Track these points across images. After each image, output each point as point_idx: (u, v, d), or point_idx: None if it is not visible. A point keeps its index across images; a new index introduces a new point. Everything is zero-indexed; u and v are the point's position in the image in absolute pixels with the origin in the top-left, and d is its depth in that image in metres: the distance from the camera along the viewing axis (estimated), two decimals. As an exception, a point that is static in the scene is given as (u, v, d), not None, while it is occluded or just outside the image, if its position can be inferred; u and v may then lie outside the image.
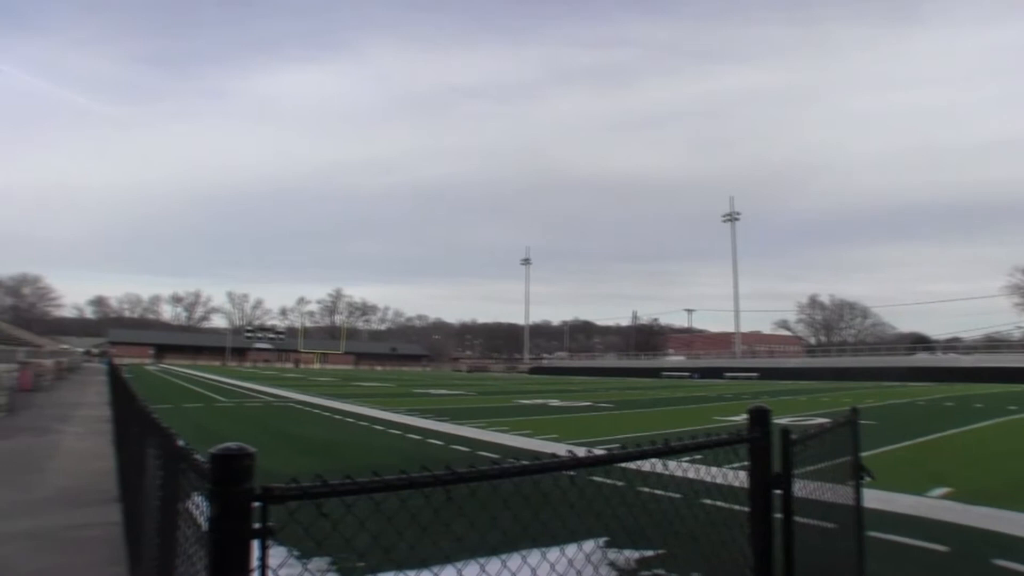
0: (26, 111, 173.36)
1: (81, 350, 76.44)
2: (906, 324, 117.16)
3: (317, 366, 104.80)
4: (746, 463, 2.46)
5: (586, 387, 41.89)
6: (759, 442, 2.48)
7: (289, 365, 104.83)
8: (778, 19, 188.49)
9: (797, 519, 2.48)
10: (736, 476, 2.62)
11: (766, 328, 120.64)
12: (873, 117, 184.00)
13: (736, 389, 40.34)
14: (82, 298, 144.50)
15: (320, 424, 16.31)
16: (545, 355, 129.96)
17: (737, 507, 2.47)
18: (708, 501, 2.96)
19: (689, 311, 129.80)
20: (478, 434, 14.11)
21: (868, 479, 3.58)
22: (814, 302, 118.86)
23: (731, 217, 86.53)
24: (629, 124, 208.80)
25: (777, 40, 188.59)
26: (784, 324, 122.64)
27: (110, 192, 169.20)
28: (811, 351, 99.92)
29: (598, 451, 1.99)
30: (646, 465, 2.19)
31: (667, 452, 2.22)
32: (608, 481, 2.46)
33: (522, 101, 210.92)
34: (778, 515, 2.42)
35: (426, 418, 17.72)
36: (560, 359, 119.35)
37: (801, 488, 2.58)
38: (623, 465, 2.09)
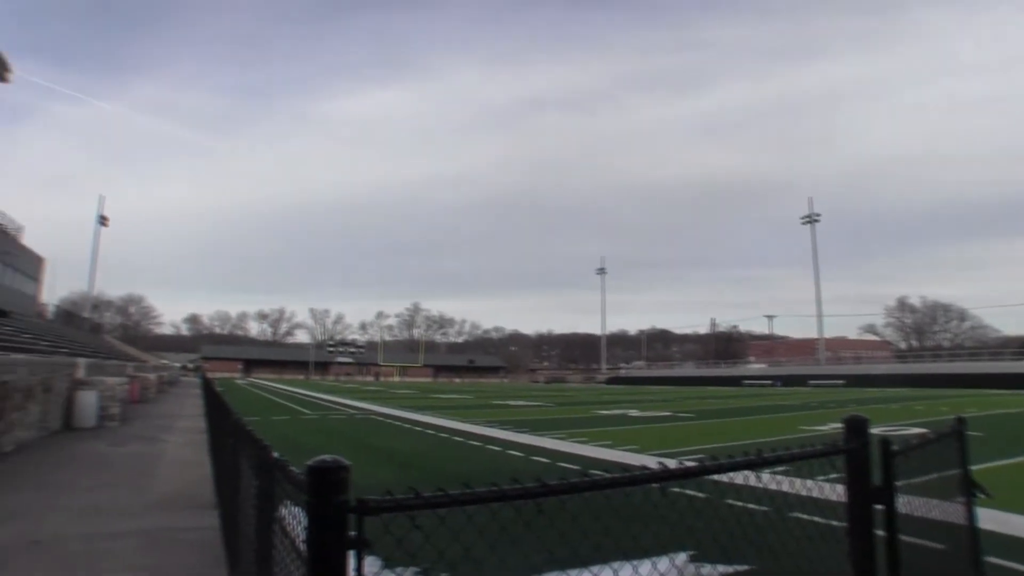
0: (128, 144, 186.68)
1: (178, 365, 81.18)
2: (1012, 327, 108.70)
3: (396, 379, 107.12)
4: (840, 475, 2.33)
5: (665, 397, 41.01)
6: (857, 453, 2.34)
7: (369, 378, 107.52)
8: (854, 8, 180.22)
9: (903, 538, 2.32)
10: (831, 489, 2.49)
11: (852, 333, 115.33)
12: (969, 104, 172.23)
13: (821, 397, 38.51)
14: (178, 316, 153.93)
15: (401, 436, 16.60)
16: (623, 365, 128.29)
17: (834, 523, 2.34)
18: (800, 515, 2.82)
19: (769, 317, 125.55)
20: (558, 445, 14.04)
21: (982, 496, 3.29)
22: (903, 305, 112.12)
23: (811, 219, 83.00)
24: (704, 128, 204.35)
25: (855, 30, 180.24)
26: (871, 328, 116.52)
27: (202, 216, 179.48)
28: (901, 356, 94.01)
29: (683, 462, 1.93)
30: (735, 477, 2.11)
31: (760, 463, 2.13)
32: (693, 493, 2.38)
33: (596, 109, 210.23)
34: (879, 532, 2.28)
35: (505, 429, 17.79)
36: (638, 369, 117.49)
37: (905, 504, 2.42)
38: (711, 477, 2.03)
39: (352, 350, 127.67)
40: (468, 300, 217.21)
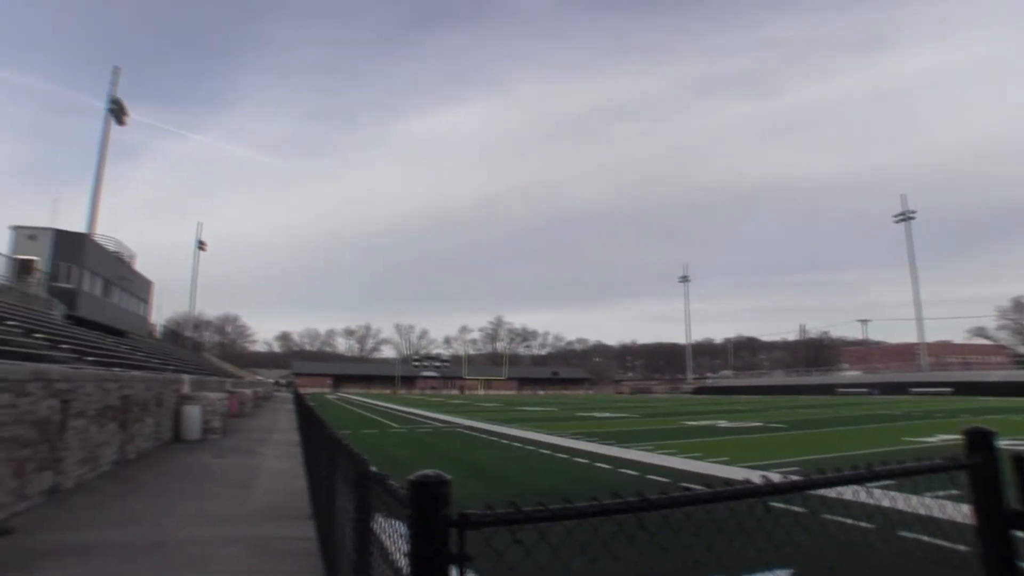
0: (221, 172, 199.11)
1: (271, 381, 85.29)
2: None
3: (481, 392, 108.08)
4: (955, 492, 2.14)
5: (754, 406, 39.52)
6: (983, 469, 2.15)
7: (455, 392, 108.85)
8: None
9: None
10: (954, 508, 2.30)
11: (957, 337, 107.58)
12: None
13: (926, 406, 36.01)
14: (271, 334, 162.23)
15: (487, 448, 16.71)
16: (709, 374, 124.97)
17: (960, 547, 2.16)
18: (908, 534, 2.62)
19: (863, 322, 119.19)
20: (646, 457, 13.77)
21: None
22: (1019, 305, 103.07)
23: (904, 216, 78.19)
24: (784, 128, 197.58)
25: (941, 15, 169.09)
26: (981, 332, 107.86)
27: (290, 237, 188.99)
28: (1021, 361, 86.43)
29: (789, 476, 1.83)
30: (843, 492, 1.98)
31: (870, 477, 1.99)
32: (797, 509, 2.25)
33: (670, 116, 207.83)
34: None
35: (591, 441, 17.62)
36: (725, 378, 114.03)
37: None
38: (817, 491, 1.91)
39: (437, 364, 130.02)
40: (550, 312, 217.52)
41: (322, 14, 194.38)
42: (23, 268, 28.57)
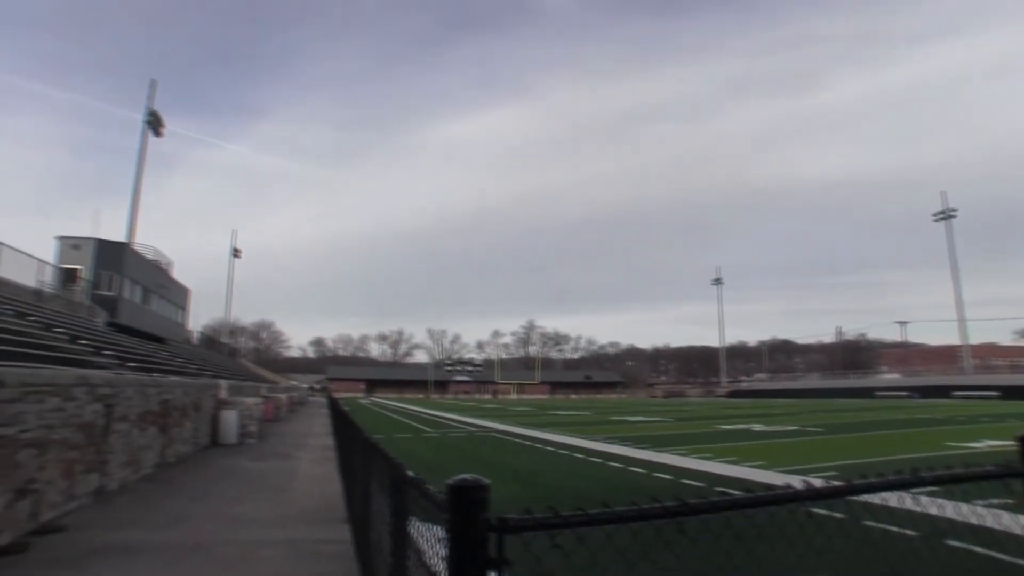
0: (255, 181, 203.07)
1: (306, 386, 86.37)
2: None
3: (514, 396, 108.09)
4: (1010, 501, 2.07)
5: (790, 410, 38.81)
6: (1039, 476, 2.08)
7: (487, 396, 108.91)
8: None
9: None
10: (1012, 520, 2.22)
11: (1004, 338, 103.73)
12: None
13: (970, 411, 34.93)
14: (305, 340, 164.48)
15: (521, 453, 16.71)
16: (743, 377, 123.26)
17: (1018, 560, 2.08)
18: (958, 544, 2.54)
19: (901, 323, 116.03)
20: (681, 462, 13.64)
21: None
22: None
23: (945, 215, 76.06)
24: (818, 127, 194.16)
25: (981, 5, 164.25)
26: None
27: (323, 244, 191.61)
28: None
29: (815, 479, 1.80)
30: (887, 498, 1.93)
31: (915, 483, 1.94)
32: (829, 513, 2.19)
33: (704, 117, 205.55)
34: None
35: (625, 445, 17.51)
36: (759, 381, 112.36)
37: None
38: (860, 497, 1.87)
39: (469, 369, 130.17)
40: (582, 316, 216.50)
41: (354, 24, 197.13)
42: (68, 277, 29.51)
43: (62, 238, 32.41)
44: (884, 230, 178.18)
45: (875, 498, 1.81)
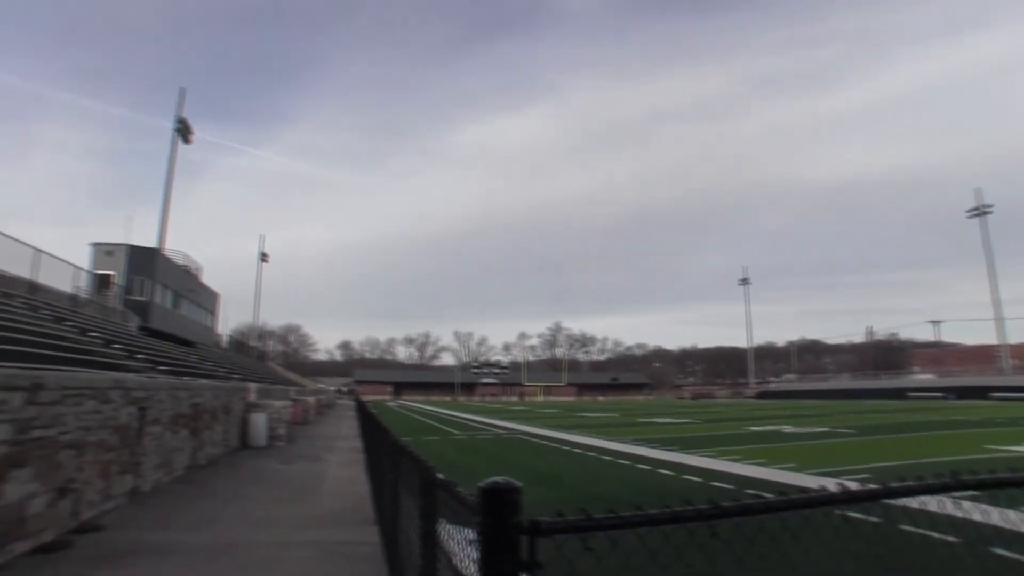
0: (282, 186, 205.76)
1: (333, 389, 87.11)
2: None
3: (541, 398, 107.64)
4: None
5: (820, 411, 38.19)
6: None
7: (514, 398, 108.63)
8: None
9: None
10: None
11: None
12: None
13: (1010, 412, 34.01)
14: (332, 343, 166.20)
15: (549, 455, 16.67)
16: (771, 378, 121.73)
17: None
18: (1005, 552, 2.47)
19: (935, 323, 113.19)
20: (709, 463, 13.51)
21: None
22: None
23: (980, 211, 74.11)
24: (843, 124, 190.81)
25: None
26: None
27: (350, 248, 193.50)
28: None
29: (848, 482, 1.76)
30: (916, 502, 1.88)
31: (956, 487, 1.89)
32: (865, 517, 2.14)
33: (725, 117, 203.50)
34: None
35: (653, 447, 17.39)
36: (788, 382, 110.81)
37: None
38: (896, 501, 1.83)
39: (496, 371, 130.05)
40: (609, 317, 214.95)
41: (379, 29, 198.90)
42: (102, 282, 30.21)
43: (96, 245, 33.20)
44: (914, 228, 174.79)
45: (913, 502, 1.77)
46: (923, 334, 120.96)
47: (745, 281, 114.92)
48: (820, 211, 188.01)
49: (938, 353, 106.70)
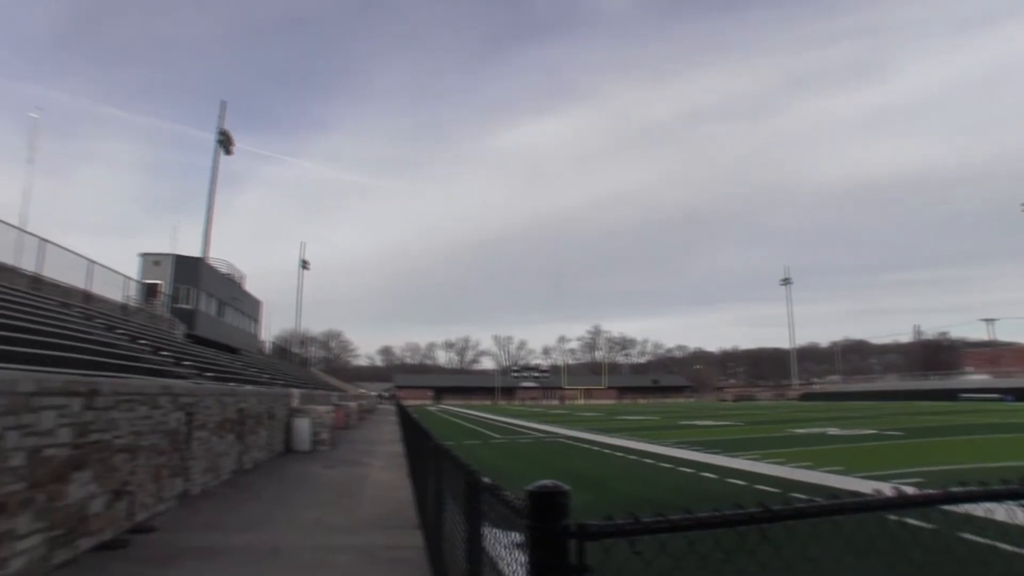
0: (321, 193, 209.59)
1: (374, 394, 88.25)
2: None
3: (581, 402, 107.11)
4: None
5: (867, 413, 37.12)
6: None
7: (555, 402, 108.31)
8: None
9: None
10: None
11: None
12: None
13: (1075, 413, 32.49)
14: (373, 348, 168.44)
15: (590, 458, 16.57)
16: (815, 380, 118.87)
17: None
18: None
19: (988, 321, 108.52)
20: (753, 466, 13.29)
21: None
22: None
23: (1037, 203, 71.18)
24: (884, 119, 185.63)
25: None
26: None
27: (389, 254, 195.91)
28: None
29: (903, 487, 1.70)
30: (981, 509, 1.80)
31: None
32: (922, 523, 2.06)
33: (768, 113, 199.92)
34: None
35: (695, 450, 17.18)
36: (833, 383, 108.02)
37: None
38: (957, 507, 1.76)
39: (536, 374, 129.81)
40: (649, 320, 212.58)
41: (412, 36, 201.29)
42: (150, 291, 31.23)
43: (144, 255, 34.34)
44: (963, 224, 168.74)
45: (977, 509, 1.70)
46: (975, 333, 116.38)
47: (787, 281, 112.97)
48: (865, 207, 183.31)
49: (994, 353, 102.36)
